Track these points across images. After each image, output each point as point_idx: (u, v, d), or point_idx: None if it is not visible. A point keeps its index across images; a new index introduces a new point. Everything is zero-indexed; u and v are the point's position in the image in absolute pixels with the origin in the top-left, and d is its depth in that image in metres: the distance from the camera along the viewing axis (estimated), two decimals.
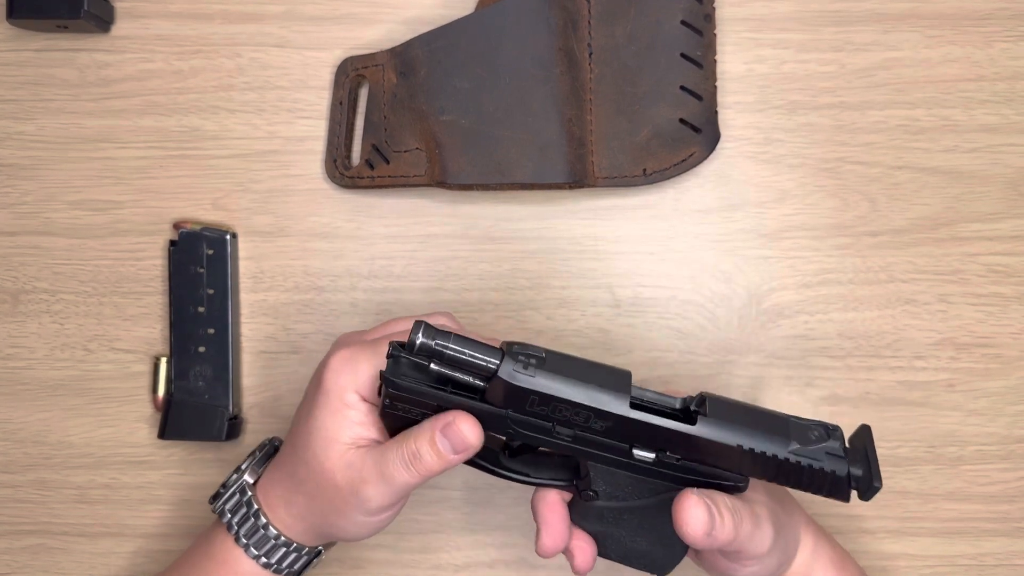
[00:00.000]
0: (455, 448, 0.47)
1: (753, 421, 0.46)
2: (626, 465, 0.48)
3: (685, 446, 0.46)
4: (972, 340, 0.62)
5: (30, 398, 0.64)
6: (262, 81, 0.63)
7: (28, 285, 0.64)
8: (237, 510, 0.52)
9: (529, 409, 0.46)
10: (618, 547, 0.51)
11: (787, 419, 0.47)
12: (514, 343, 0.46)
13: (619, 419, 0.46)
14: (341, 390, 0.49)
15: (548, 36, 0.60)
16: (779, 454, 0.45)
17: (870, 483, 0.46)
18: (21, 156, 0.64)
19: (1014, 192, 0.62)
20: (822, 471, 0.46)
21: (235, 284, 0.63)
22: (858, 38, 0.63)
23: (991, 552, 0.62)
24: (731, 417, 0.46)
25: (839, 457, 0.46)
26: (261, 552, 0.51)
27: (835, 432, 0.46)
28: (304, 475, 0.50)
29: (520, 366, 0.45)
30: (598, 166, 0.61)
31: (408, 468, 0.47)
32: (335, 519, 0.50)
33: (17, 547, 0.64)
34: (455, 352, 0.45)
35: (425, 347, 0.45)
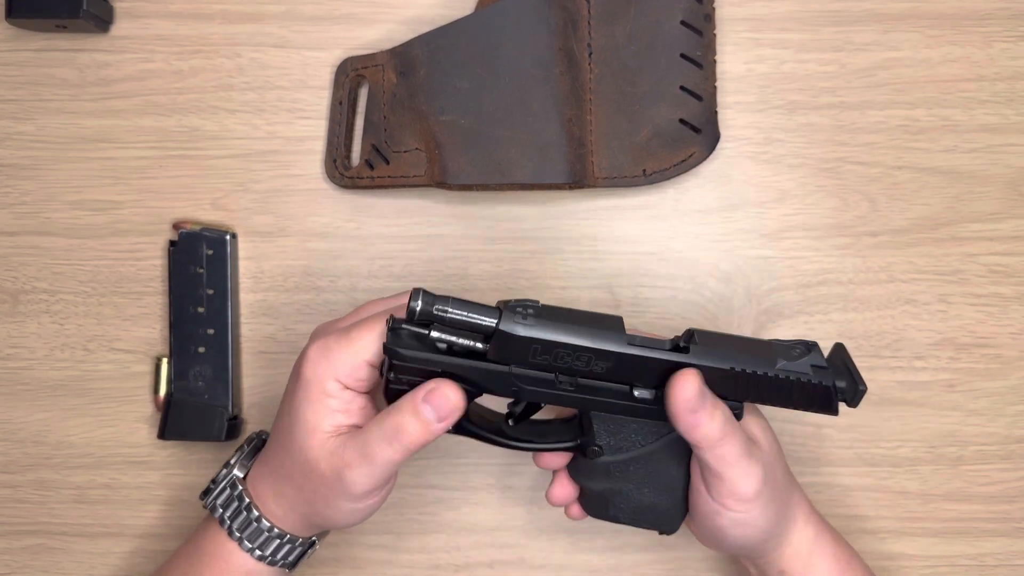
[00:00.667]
0: (439, 415, 0.47)
1: (741, 346, 0.48)
2: (629, 409, 0.49)
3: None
4: (972, 340, 0.62)
5: (30, 398, 0.64)
6: (262, 81, 0.63)
7: (28, 285, 0.64)
8: (228, 504, 0.52)
9: (532, 360, 0.47)
10: (626, 504, 0.53)
11: (770, 342, 0.49)
12: (510, 300, 0.47)
13: (619, 356, 0.47)
14: (320, 380, 0.49)
15: (548, 36, 0.59)
16: (768, 372, 0.48)
17: (856, 388, 0.48)
18: (21, 156, 0.64)
19: (1014, 192, 0.62)
20: (810, 383, 0.48)
21: (235, 284, 0.63)
22: (858, 38, 0.63)
23: (991, 552, 0.62)
24: (720, 344, 0.48)
25: (823, 368, 0.48)
26: (255, 545, 0.51)
27: (815, 347, 0.49)
28: (290, 466, 0.50)
29: (519, 317, 0.46)
30: (598, 166, 0.61)
31: (390, 443, 0.47)
32: (323, 508, 0.50)
33: (17, 547, 0.64)
34: (454, 314, 0.46)
35: (425, 312, 0.46)
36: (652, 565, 0.63)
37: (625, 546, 0.63)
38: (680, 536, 0.63)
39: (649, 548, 0.63)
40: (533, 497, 0.63)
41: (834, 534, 0.54)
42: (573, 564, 0.63)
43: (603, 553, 0.63)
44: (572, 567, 0.63)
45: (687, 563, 0.63)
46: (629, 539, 0.63)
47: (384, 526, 0.63)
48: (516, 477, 0.63)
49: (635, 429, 0.50)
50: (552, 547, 0.63)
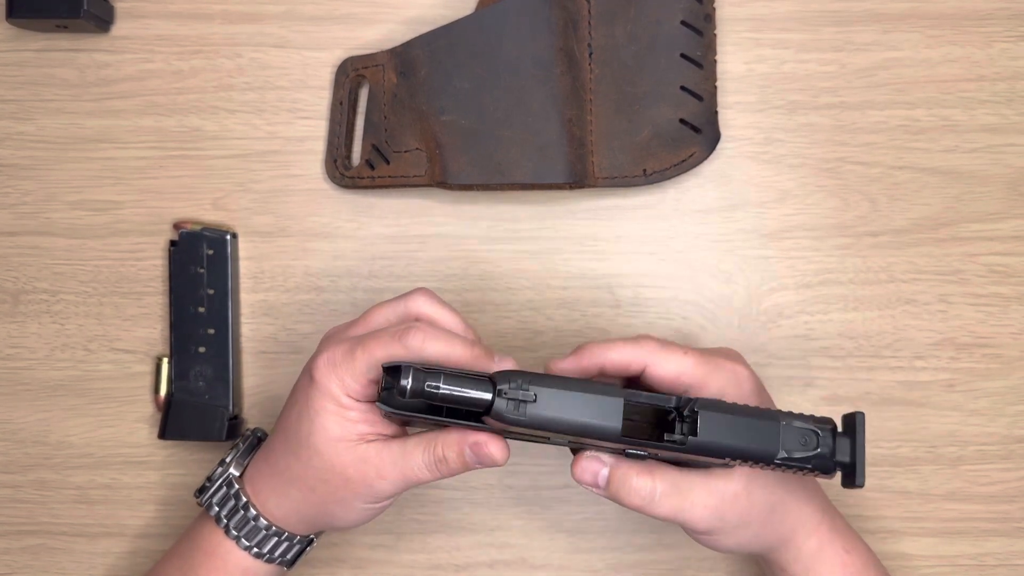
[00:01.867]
0: (481, 462, 0.48)
1: (744, 434, 0.46)
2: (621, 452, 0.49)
3: (677, 451, 0.47)
4: (972, 340, 0.62)
5: (30, 398, 0.64)
6: (262, 81, 0.63)
7: (28, 285, 0.64)
8: (225, 503, 0.52)
9: (523, 435, 0.48)
10: None
11: (778, 426, 0.46)
12: (505, 376, 0.46)
13: (615, 439, 0.46)
14: (334, 396, 0.49)
15: (548, 36, 0.60)
16: (767, 462, 0.46)
17: (852, 482, 0.46)
18: (21, 156, 0.64)
19: (1014, 192, 0.62)
20: (810, 469, 0.46)
21: (235, 284, 0.63)
22: (858, 38, 0.63)
23: (991, 552, 0.62)
24: (721, 434, 0.46)
25: (826, 458, 0.46)
26: (252, 543, 0.51)
27: (824, 439, 0.46)
28: (301, 470, 0.50)
29: (512, 407, 0.45)
30: (598, 166, 0.61)
31: (431, 470, 0.49)
32: (335, 509, 0.50)
33: (17, 547, 0.64)
34: (447, 393, 0.45)
35: (416, 391, 0.45)
36: (652, 565, 0.63)
37: (625, 546, 0.63)
38: (680, 536, 0.63)
39: (649, 548, 0.63)
40: (533, 497, 0.63)
41: (847, 543, 0.53)
42: (573, 564, 0.63)
43: (603, 553, 0.63)
44: (572, 567, 0.63)
45: (687, 563, 0.63)
46: (629, 539, 0.63)
47: (384, 526, 0.63)
48: (516, 477, 0.63)
49: None
50: (552, 547, 0.63)
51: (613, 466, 0.49)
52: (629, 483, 0.49)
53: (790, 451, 0.46)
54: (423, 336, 0.47)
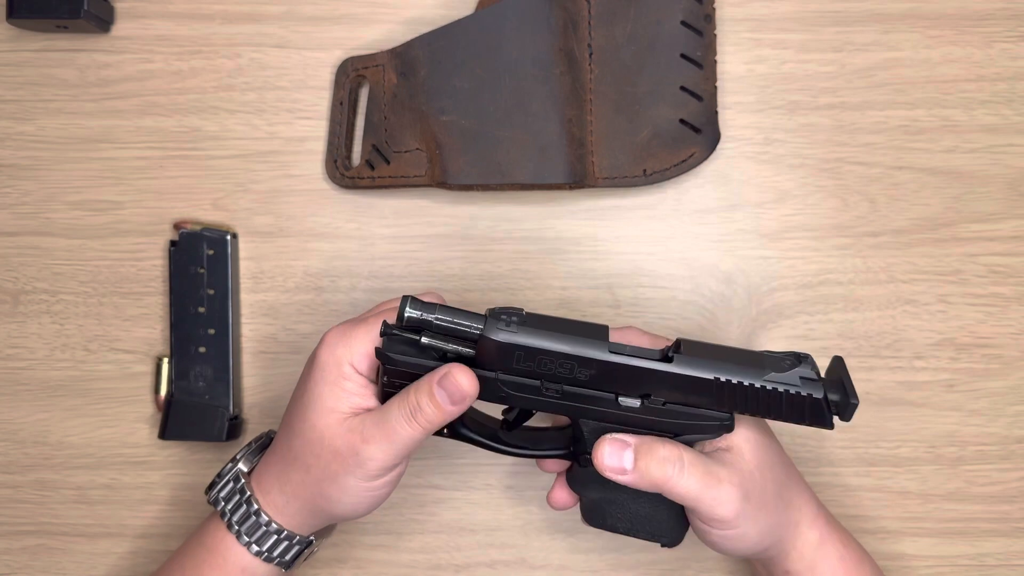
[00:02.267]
0: (452, 398, 0.48)
1: (727, 356, 0.48)
2: (616, 417, 0.50)
3: (665, 386, 0.48)
4: (972, 340, 0.62)
5: (30, 398, 0.64)
6: (262, 81, 0.63)
7: (28, 285, 0.64)
8: (231, 498, 0.53)
9: (516, 367, 0.48)
10: (622, 514, 0.53)
11: (760, 353, 0.49)
12: (496, 307, 0.48)
13: (600, 364, 0.48)
14: (337, 362, 0.50)
15: (548, 36, 0.60)
16: (755, 383, 0.47)
17: (847, 402, 0.47)
18: (21, 156, 0.64)
19: (1014, 192, 0.62)
20: (799, 395, 0.47)
21: (235, 284, 0.63)
22: (858, 38, 0.63)
23: (991, 552, 0.62)
24: (705, 354, 0.48)
25: (813, 380, 0.48)
26: (252, 539, 0.52)
27: (807, 358, 0.48)
28: (300, 447, 0.51)
29: (503, 324, 0.47)
30: (598, 166, 0.61)
31: (410, 421, 0.49)
32: (330, 489, 0.50)
33: (17, 547, 0.64)
34: (442, 321, 0.48)
35: (413, 319, 0.48)
36: (652, 565, 0.63)
37: (625, 546, 0.63)
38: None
39: (649, 548, 0.63)
40: (533, 497, 0.63)
41: (843, 536, 0.54)
42: (573, 564, 0.63)
43: (603, 553, 0.63)
44: (572, 567, 0.63)
45: (687, 563, 0.63)
46: (629, 539, 0.63)
47: (384, 526, 0.63)
48: (516, 478, 0.63)
49: None
50: (552, 547, 0.63)
51: (638, 443, 0.49)
52: (656, 452, 0.49)
53: (776, 372, 0.47)
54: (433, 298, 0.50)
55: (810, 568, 0.52)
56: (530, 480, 0.63)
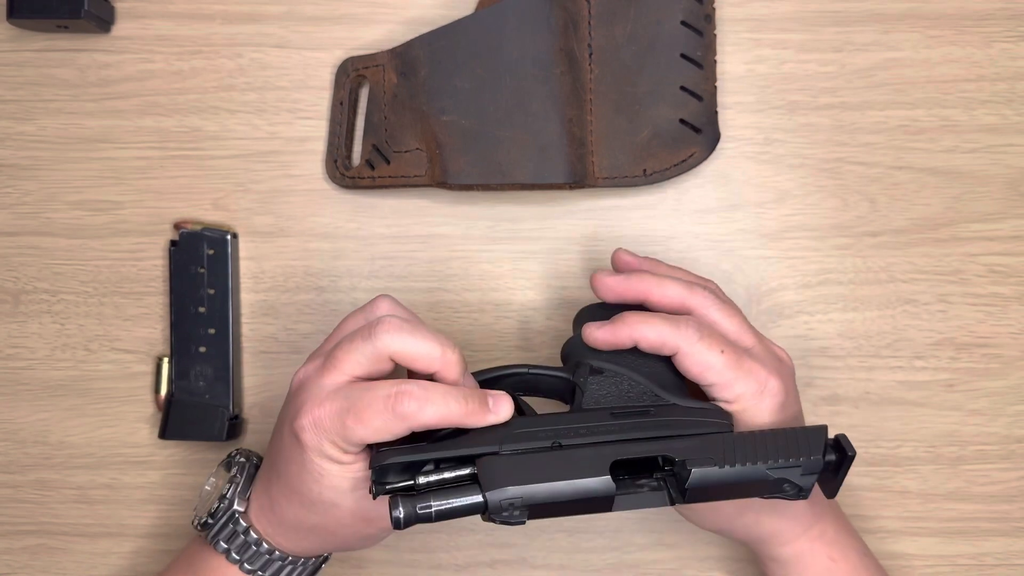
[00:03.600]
0: None
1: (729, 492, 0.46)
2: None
3: None
4: (972, 340, 0.62)
5: (30, 398, 0.64)
6: (262, 81, 0.63)
7: (29, 285, 0.64)
8: (233, 539, 0.51)
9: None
10: None
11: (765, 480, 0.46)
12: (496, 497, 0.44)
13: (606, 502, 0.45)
14: (334, 456, 0.46)
15: (548, 36, 0.60)
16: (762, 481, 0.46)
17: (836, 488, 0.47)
18: (21, 156, 0.64)
19: (1014, 192, 0.62)
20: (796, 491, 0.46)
21: (236, 284, 0.63)
22: (858, 38, 0.63)
23: (991, 552, 0.62)
24: (709, 495, 0.46)
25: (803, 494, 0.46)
26: (256, 566, 0.51)
27: (804, 494, 0.46)
28: (319, 521, 0.49)
29: (506, 516, 0.44)
30: (598, 166, 0.61)
31: None
32: (359, 543, 0.51)
33: (17, 547, 0.64)
34: (440, 509, 0.44)
35: (410, 516, 0.44)
36: (652, 565, 0.63)
37: (625, 546, 0.63)
38: (681, 535, 0.63)
39: (649, 548, 0.63)
40: None
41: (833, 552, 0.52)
42: (573, 564, 0.63)
43: (603, 553, 0.63)
44: (572, 567, 0.63)
45: (687, 563, 0.63)
46: (630, 539, 0.63)
47: None
48: None
49: None
50: (553, 547, 0.63)
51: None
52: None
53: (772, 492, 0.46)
54: (417, 403, 0.44)
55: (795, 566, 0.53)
56: None
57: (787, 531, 0.52)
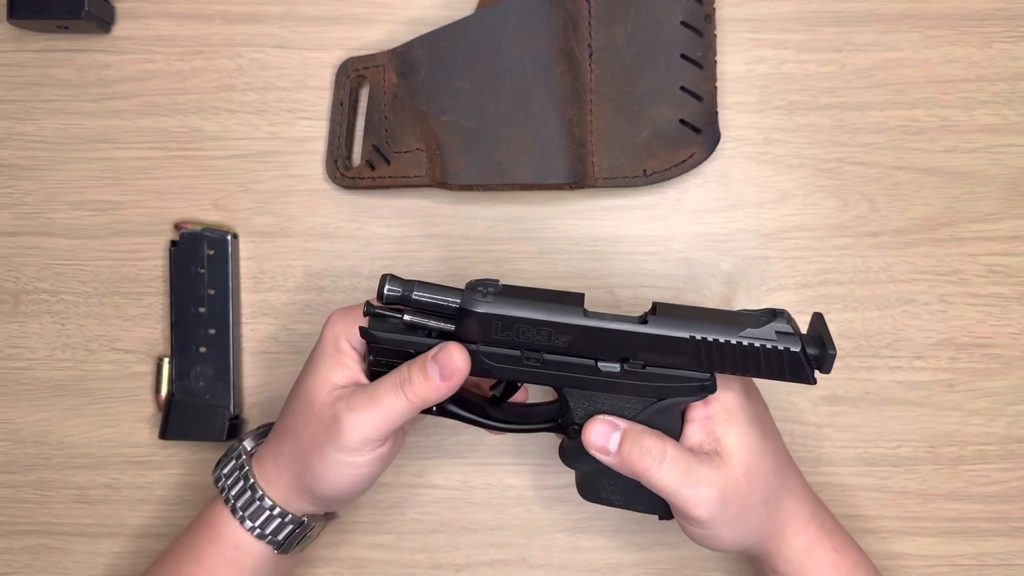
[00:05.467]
0: (443, 372, 0.49)
1: (703, 316, 0.48)
2: (597, 384, 0.50)
3: (643, 348, 0.48)
4: (972, 340, 0.62)
5: (31, 398, 0.64)
6: (263, 82, 0.63)
7: (29, 285, 0.64)
8: (232, 473, 0.54)
9: (495, 338, 0.49)
10: (616, 487, 0.53)
11: (737, 311, 0.49)
12: (474, 279, 0.50)
13: (577, 329, 0.48)
14: (336, 337, 0.52)
15: (548, 36, 0.60)
16: (730, 339, 0.47)
17: (826, 354, 0.47)
18: (22, 156, 0.64)
19: (1014, 192, 0.62)
20: (776, 350, 0.47)
21: (236, 284, 0.63)
22: (858, 38, 0.63)
23: (991, 552, 0.62)
24: (681, 314, 0.48)
25: (790, 334, 0.48)
26: (246, 513, 0.52)
27: (783, 313, 0.48)
28: (293, 419, 0.52)
29: (479, 295, 0.48)
30: (598, 166, 0.61)
31: (396, 391, 0.49)
32: (314, 460, 0.51)
33: (18, 547, 0.64)
34: (421, 296, 0.49)
35: (393, 296, 0.49)
36: (652, 565, 0.63)
37: (625, 546, 0.63)
38: (680, 535, 0.63)
39: (649, 548, 0.63)
40: (534, 497, 0.63)
41: (838, 541, 0.53)
42: (573, 564, 0.63)
43: (603, 553, 0.63)
44: (572, 567, 0.63)
45: (687, 563, 0.63)
46: (630, 539, 0.63)
47: (385, 526, 0.63)
48: (516, 477, 0.63)
49: (611, 405, 0.51)
50: (552, 547, 0.63)
51: (627, 428, 0.50)
52: (642, 443, 0.49)
53: (753, 328, 0.47)
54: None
55: (798, 571, 0.52)
56: (530, 480, 0.63)
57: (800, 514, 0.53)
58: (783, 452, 0.54)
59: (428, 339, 0.50)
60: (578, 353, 0.49)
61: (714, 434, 0.51)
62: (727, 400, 0.51)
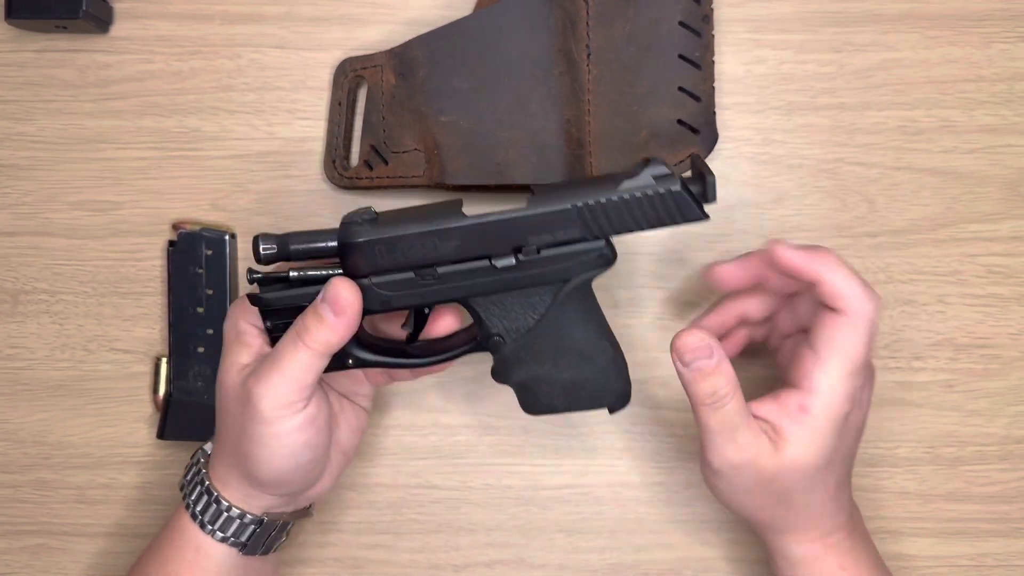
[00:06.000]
0: (335, 309, 0.48)
1: (579, 184, 0.49)
2: (501, 284, 0.50)
3: (530, 230, 0.48)
4: (971, 341, 0.62)
5: (30, 398, 0.64)
6: (261, 82, 0.63)
7: (28, 286, 0.64)
8: (192, 479, 0.54)
9: (383, 264, 0.49)
10: (553, 388, 0.52)
11: (615, 173, 0.49)
12: (347, 212, 0.49)
13: (460, 231, 0.48)
14: (234, 323, 0.52)
15: (547, 37, 0.60)
16: (611, 197, 0.47)
17: (706, 182, 0.48)
18: (21, 157, 0.64)
19: (1013, 193, 0.62)
20: (658, 194, 0.48)
21: (234, 284, 0.63)
22: (857, 39, 0.63)
23: (990, 553, 0.62)
24: (558, 189, 0.49)
25: (667, 176, 0.48)
26: (205, 517, 0.52)
27: (655, 160, 0.48)
28: (219, 413, 0.52)
29: (354, 227, 0.48)
30: (596, 167, 0.61)
31: (295, 343, 0.48)
32: (245, 444, 0.50)
33: (17, 547, 0.64)
34: (298, 245, 0.48)
35: (270, 254, 0.48)
36: (651, 565, 0.63)
37: (624, 546, 0.63)
38: (679, 536, 0.63)
39: (648, 548, 0.63)
40: (532, 497, 0.63)
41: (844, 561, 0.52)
42: (572, 564, 0.63)
43: (602, 553, 0.63)
44: (571, 567, 0.63)
45: (686, 563, 0.63)
46: (628, 539, 0.63)
47: (383, 526, 0.63)
48: (515, 477, 0.63)
49: (521, 303, 0.51)
50: (551, 547, 0.63)
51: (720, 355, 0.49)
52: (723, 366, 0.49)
53: (629, 185, 0.47)
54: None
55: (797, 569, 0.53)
56: (528, 480, 0.63)
57: (807, 529, 0.53)
58: (834, 477, 0.52)
59: (317, 288, 0.49)
60: (469, 256, 0.49)
61: (780, 424, 0.50)
62: (814, 402, 0.49)
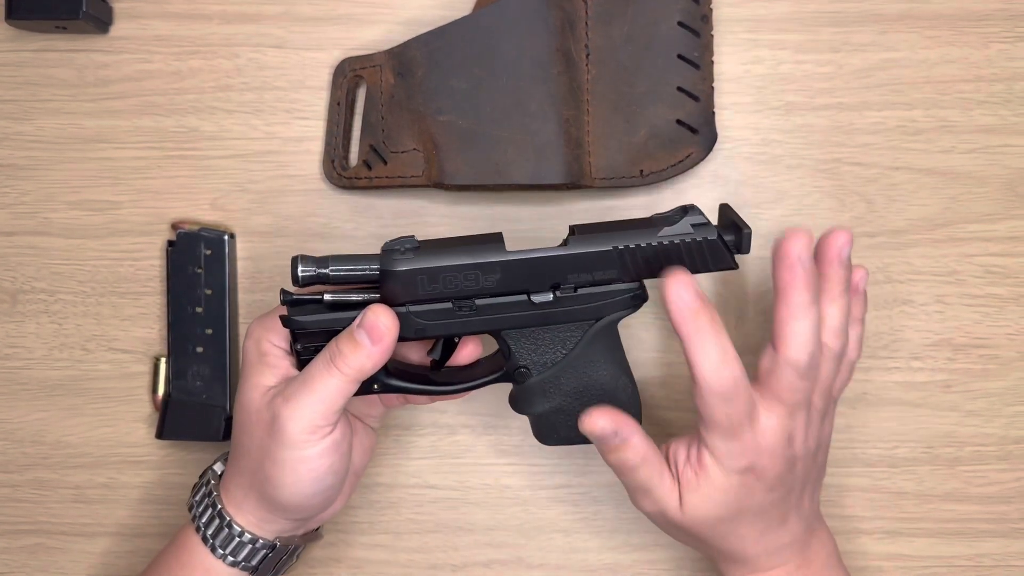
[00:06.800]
0: (372, 337, 0.48)
1: (620, 227, 0.50)
2: (536, 319, 0.50)
3: (570, 269, 0.49)
4: (969, 341, 0.62)
5: (28, 398, 0.64)
6: (260, 82, 0.63)
7: (26, 285, 0.64)
8: (203, 500, 0.53)
9: (423, 294, 0.49)
10: (572, 422, 0.53)
11: (650, 217, 0.51)
12: (388, 240, 0.50)
13: (502, 265, 0.49)
14: (257, 342, 0.51)
15: (546, 37, 0.60)
16: (651, 242, 0.49)
17: (742, 234, 0.49)
18: (19, 156, 0.64)
19: (1011, 193, 0.62)
20: (695, 242, 0.49)
21: (233, 284, 0.63)
22: (856, 39, 0.63)
23: (988, 553, 0.62)
24: (599, 230, 0.49)
25: (705, 224, 0.49)
26: (216, 541, 0.52)
27: (692, 208, 0.50)
28: (239, 434, 0.51)
29: (397, 255, 0.48)
30: (595, 167, 0.61)
31: (328, 367, 0.48)
32: (268, 468, 0.49)
33: (15, 547, 0.64)
34: (338, 271, 0.48)
35: (308, 277, 0.48)
36: (650, 565, 0.63)
37: (623, 546, 0.63)
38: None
39: (647, 548, 0.63)
40: (530, 497, 0.63)
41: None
42: (570, 564, 0.63)
43: (600, 553, 0.63)
44: (569, 567, 0.63)
45: (686, 563, 0.63)
46: (627, 539, 0.63)
47: (382, 526, 0.63)
48: (513, 477, 0.63)
49: (552, 338, 0.51)
50: (549, 547, 0.63)
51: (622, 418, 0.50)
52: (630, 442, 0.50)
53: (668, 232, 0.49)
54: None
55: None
56: (527, 480, 0.63)
57: (742, 563, 0.52)
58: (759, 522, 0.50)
59: (352, 312, 0.49)
60: (509, 290, 0.49)
61: (684, 477, 0.50)
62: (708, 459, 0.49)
